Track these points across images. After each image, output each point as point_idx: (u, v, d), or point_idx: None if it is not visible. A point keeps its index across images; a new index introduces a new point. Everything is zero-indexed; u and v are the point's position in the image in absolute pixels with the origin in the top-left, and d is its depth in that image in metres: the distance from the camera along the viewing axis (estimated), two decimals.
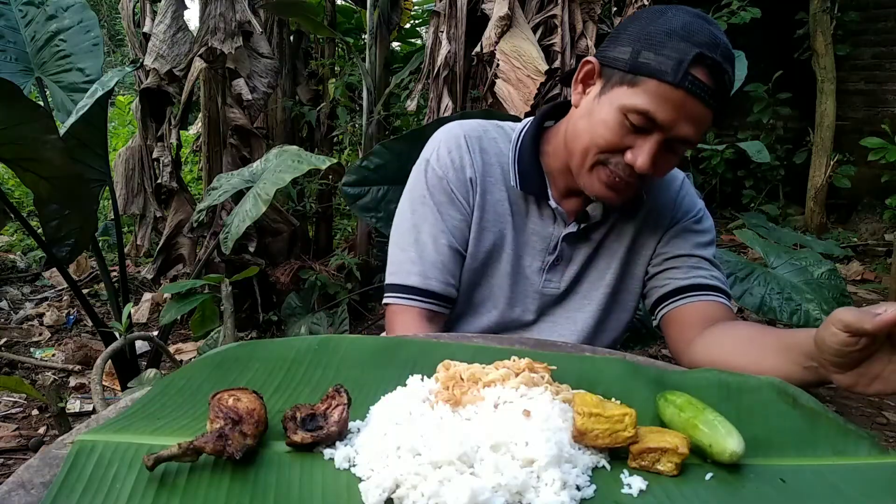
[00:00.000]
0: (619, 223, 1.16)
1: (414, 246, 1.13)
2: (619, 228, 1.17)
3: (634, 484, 0.63)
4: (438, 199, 1.13)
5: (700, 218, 1.18)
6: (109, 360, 2.09)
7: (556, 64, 2.46)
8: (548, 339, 1.09)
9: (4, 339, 3.15)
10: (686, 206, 1.18)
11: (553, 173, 1.13)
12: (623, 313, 1.21)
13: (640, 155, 0.96)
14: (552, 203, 1.12)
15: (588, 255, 1.16)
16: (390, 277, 1.16)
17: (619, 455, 0.67)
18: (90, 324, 3.16)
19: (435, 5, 2.69)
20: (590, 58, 1.04)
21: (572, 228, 1.13)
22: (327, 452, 0.66)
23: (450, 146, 1.14)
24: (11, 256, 4.25)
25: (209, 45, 2.57)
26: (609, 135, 0.98)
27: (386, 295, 1.16)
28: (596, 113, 1.00)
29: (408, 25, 4.48)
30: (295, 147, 2.24)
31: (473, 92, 2.52)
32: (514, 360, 0.78)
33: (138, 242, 3.08)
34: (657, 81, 0.93)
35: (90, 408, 2.46)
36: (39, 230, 2.29)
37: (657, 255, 1.17)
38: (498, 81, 2.32)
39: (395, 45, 4.62)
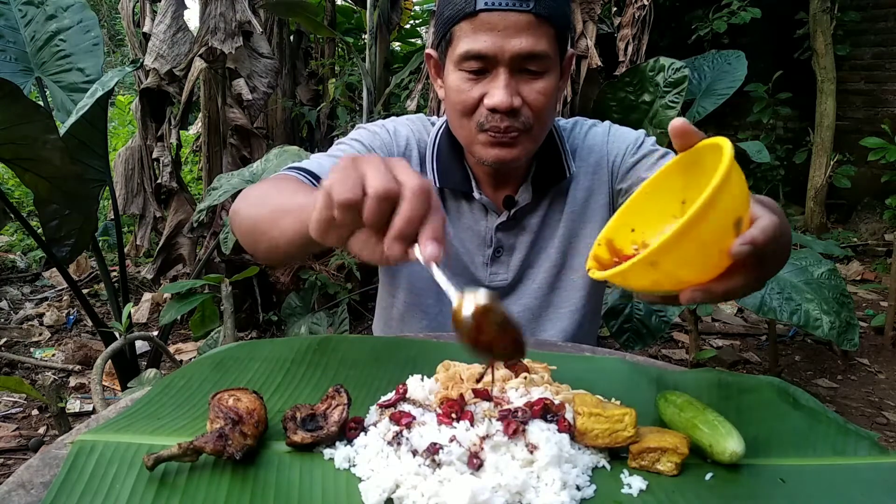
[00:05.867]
0: (556, 202, 1.14)
1: (317, 159, 1.09)
2: (557, 206, 1.14)
3: (634, 484, 0.63)
4: (364, 145, 1.12)
5: (640, 144, 1.13)
6: (109, 360, 2.09)
7: None
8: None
9: (4, 339, 3.15)
10: (618, 146, 1.14)
11: (474, 167, 1.12)
12: (573, 291, 1.16)
13: (493, 92, 0.96)
14: (476, 195, 1.11)
15: (530, 241, 1.14)
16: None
17: (619, 455, 0.67)
18: (90, 324, 3.16)
19: (435, 5, 2.68)
20: (428, 51, 1.09)
21: (503, 217, 1.12)
22: (327, 452, 0.66)
23: (397, 125, 1.17)
24: (11, 256, 4.25)
25: (209, 45, 2.57)
26: (461, 94, 0.99)
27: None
28: (447, 88, 1.03)
29: (408, 25, 4.49)
30: (295, 147, 2.25)
31: None
32: None
33: (138, 242, 3.07)
34: (460, 23, 0.97)
35: (90, 408, 2.46)
36: (39, 230, 2.29)
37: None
38: None
39: (395, 45, 4.62)
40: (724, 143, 0.58)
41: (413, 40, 4.85)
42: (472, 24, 0.95)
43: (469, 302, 0.58)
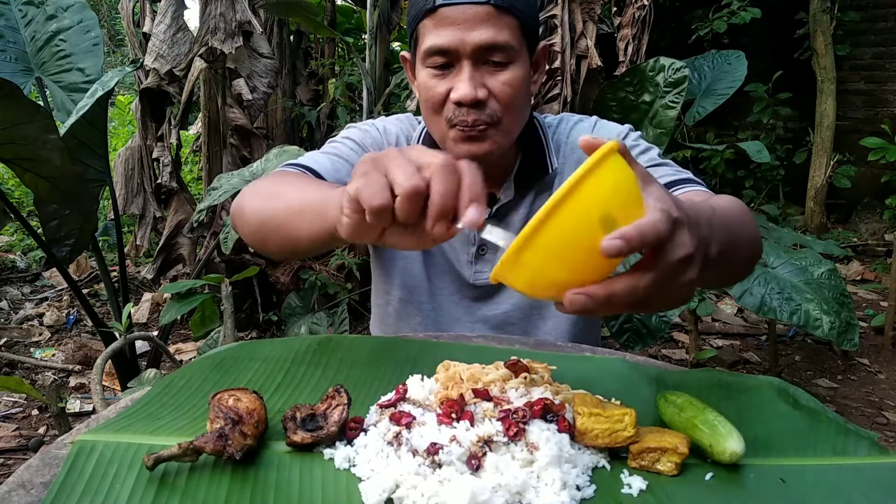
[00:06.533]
0: (540, 198, 1.13)
1: (313, 156, 1.12)
2: (541, 203, 1.11)
3: (634, 484, 0.63)
4: (356, 143, 1.14)
5: (624, 138, 1.11)
6: (109, 360, 2.09)
7: (557, 64, 2.46)
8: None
9: (4, 339, 3.15)
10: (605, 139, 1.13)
11: None
12: None
13: (458, 86, 0.97)
14: None
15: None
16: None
17: (619, 455, 0.67)
18: (90, 324, 3.16)
19: None
20: (403, 53, 1.11)
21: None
22: (327, 452, 0.66)
23: (387, 123, 1.18)
24: (11, 256, 4.25)
25: (209, 45, 2.57)
26: (429, 91, 1.00)
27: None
28: (418, 86, 1.05)
29: None
30: (295, 147, 2.24)
31: None
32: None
33: (138, 242, 3.08)
34: (423, 21, 0.98)
35: (90, 408, 2.46)
36: (39, 230, 2.29)
37: None
38: None
39: (395, 45, 4.62)
40: (605, 144, 0.56)
41: None
42: (433, 20, 0.96)
43: None
